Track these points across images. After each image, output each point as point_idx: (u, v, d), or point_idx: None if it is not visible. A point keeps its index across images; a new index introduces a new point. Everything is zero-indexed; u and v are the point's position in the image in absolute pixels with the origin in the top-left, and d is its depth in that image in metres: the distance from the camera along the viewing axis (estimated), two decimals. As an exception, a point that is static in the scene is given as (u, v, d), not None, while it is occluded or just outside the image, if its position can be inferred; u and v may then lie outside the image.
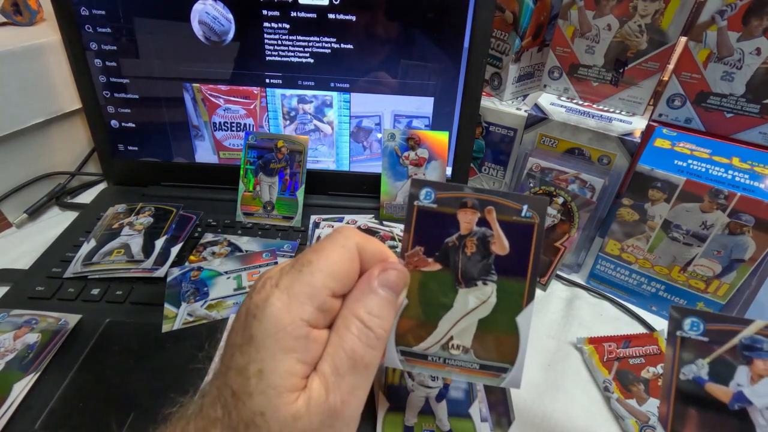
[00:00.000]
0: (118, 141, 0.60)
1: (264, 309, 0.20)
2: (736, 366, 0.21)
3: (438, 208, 0.25)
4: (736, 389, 0.21)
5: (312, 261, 0.22)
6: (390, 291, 0.23)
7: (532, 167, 0.53)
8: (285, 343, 0.20)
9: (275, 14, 0.53)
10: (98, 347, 0.41)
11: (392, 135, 0.56)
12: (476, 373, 0.25)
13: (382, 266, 0.23)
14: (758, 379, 0.20)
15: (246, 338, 0.21)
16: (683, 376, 0.21)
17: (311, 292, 0.21)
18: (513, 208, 0.24)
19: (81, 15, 0.53)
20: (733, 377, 0.21)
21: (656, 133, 0.49)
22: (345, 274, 0.22)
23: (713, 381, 0.21)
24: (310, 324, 0.21)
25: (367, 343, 0.21)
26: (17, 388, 0.36)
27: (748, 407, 0.20)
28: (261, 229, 0.56)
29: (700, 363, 0.21)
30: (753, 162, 0.44)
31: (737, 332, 0.20)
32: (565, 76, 0.57)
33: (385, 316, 0.22)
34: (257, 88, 0.58)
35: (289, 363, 0.20)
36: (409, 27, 0.54)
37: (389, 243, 0.52)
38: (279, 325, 0.20)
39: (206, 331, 0.42)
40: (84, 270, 0.47)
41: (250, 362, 0.20)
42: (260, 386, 0.20)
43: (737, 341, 0.21)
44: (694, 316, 0.21)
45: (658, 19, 0.48)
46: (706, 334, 0.21)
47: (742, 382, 0.20)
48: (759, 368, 0.20)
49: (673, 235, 0.45)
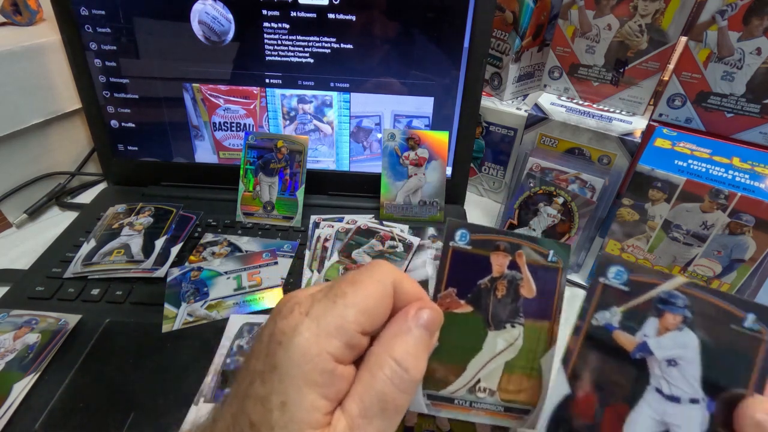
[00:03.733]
0: (118, 141, 0.60)
1: (292, 337, 0.19)
2: (647, 317, 0.21)
3: (472, 249, 0.25)
4: (642, 339, 0.21)
5: (347, 293, 0.21)
6: (425, 331, 0.22)
7: (532, 167, 0.53)
8: (311, 377, 0.19)
9: (275, 14, 0.53)
10: (98, 347, 0.41)
11: (392, 135, 0.56)
12: (501, 416, 0.25)
13: (418, 305, 0.22)
14: (664, 331, 0.21)
15: (269, 366, 0.20)
16: (595, 321, 0.22)
17: (342, 326, 0.20)
18: (541, 253, 0.24)
19: (81, 15, 0.53)
20: (641, 328, 0.21)
21: (656, 133, 0.49)
22: (377, 311, 0.21)
23: (622, 330, 0.21)
24: (336, 359, 0.20)
25: (400, 386, 0.20)
26: (17, 388, 0.36)
27: (648, 357, 0.21)
28: (261, 229, 0.56)
29: (614, 311, 0.22)
30: (753, 162, 0.44)
31: (657, 285, 0.21)
32: (566, 75, 0.57)
33: (421, 356, 0.21)
34: (257, 88, 0.57)
35: (313, 397, 0.19)
36: (409, 27, 0.54)
37: (389, 243, 0.52)
38: (306, 357, 0.19)
39: (206, 332, 0.42)
40: (84, 270, 0.47)
41: (272, 393, 0.19)
42: (282, 420, 0.19)
43: (655, 294, 0.21)
44: (621, 265, 0.22)
45: (659, 18, 0.48)
46: (627, 284, 0.22)
47: (648, 333, 0.21)
48: (668, 321, 0.21)
49: (673, 235, 0.45)
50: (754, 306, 0.20)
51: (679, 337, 0.21)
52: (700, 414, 0.20)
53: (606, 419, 0.21)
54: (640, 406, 0.21)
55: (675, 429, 0.21)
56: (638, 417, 0.21)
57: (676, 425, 0.20)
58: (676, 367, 0.21)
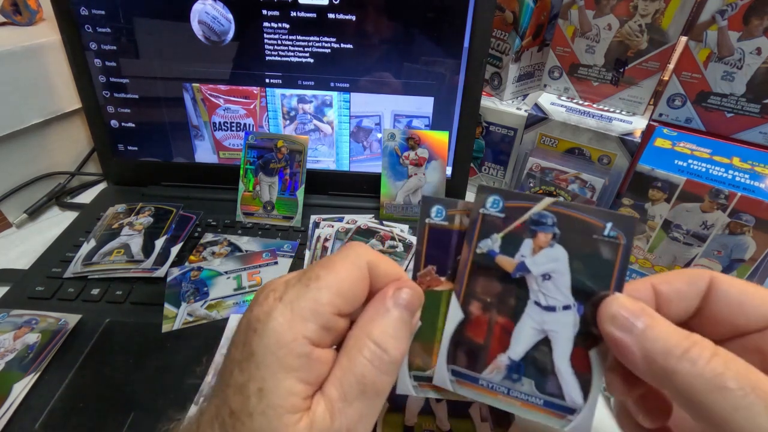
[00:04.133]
0: (117, 141, 0.60)
1: (266, 323, 0.19)
2: (522, 239, 0.23)
3: (449, 225, 0.24)
4: (520, 260, 0.23)
5: (320, 276, 0.21)
6: (405, 311, 0.22)
7: (532, 167, 0.53)
8: (286, 361, 0.19)
9: (275, 14, 0.53)
10: (98, 347, 0.41)
11: (392, 135, 0.56)
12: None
13: (396, 285, 0.22)
14: (538, 250, 0.22)
15: (246, 354, 0.19)
16: (479, 249, 0.23)
17: (316, 309, 0.20)
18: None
19: (81, 15, 0.53)
20: (519, 250, 0.23)
21: (656, 133, 0.49)
22: (352, 292, 0.21)
23: (503, 254, 0.23)
24: (312, 342, 0.20)
25: (380, 367, 0.20)
26: (17, 388, 0.36)
27: (526, 275, 0.23)
28: (261, 229, 0.56)
29: (495, 237, 0.23)
30: (753, 162, 0.44)
31: (529, 208, 0.23)
32: (566, 75, 0.57)
33: (401, 337, 0.21)
34: (257, 88, 0.57)
35: (290, 382, 0.19)
36: (409, 27, 0.54)
37: (389, 243, 0.52)
38: (281, 342, 0.19)
39: (206, 332, 0.42)
40: (84, 270, 0.47)
41: (249, 380, 0.19)
42: (260, 406, 0.19)
43: (527, 217, 0.23)
44: (496, 194, 0.23)
45: (659, 18, 0.48)
46: (503, 211, 0.23)
47: (525, 253, 0.23)
48: (540, 241, 0.22)
49: (673, 235, 0.45)
50: (610, 215, 0.22)
51: (551, 252, 0.22)
52: (573, 318, 0.22)
53: (495, 335, 0.23)
54: (523, 319, 0.23)
55: (552, 335, 0.23)
56: (522, 329, 0.23)
57: (553, 331, 0.23)
58: (550, 280, 0.22)
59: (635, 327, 0.20)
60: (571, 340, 0.22)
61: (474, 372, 0.24)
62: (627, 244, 0.22)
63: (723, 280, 0.22)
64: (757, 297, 0.21)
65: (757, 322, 0.21)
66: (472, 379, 0.24)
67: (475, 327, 0.24)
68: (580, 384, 0.22)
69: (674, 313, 0.23)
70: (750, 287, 0.22)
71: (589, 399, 0.23)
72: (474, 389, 0.24)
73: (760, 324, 0.21)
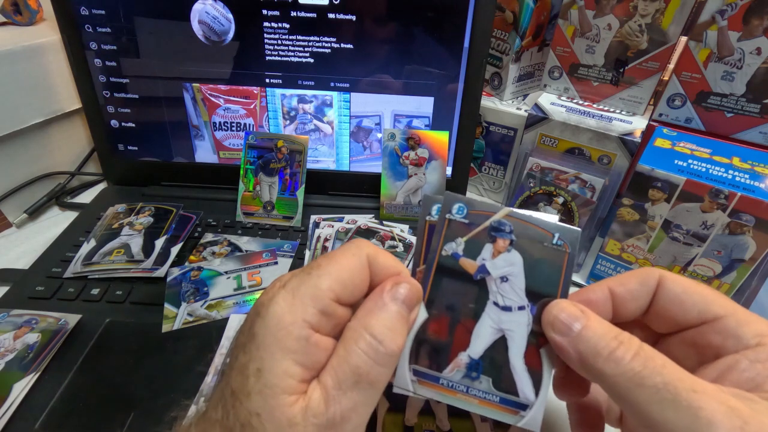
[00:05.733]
0: (118, 141, 0.60)
1: (268, 307, 0.20)
2: (484, 244, 0.25)
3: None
4: (481, 263, 0.25)
5: (321, 265, 0.22)
6: (402, 305, 0.22)
7: (532, 167, 0.53)
8: (285, 343, 0.20)
9: (275, 14, 0.53)
10: (98, 347, 0.41)
11: (392, 135, 0.56)
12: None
13: (394, 280, 0.23)
14: (497, 254, 0.25)
15: (249, 336, 0.20)
16: (444, 252, 0.25)
17: (316, 294, 0.21)
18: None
19: (81, 15, 0.53)
20: (480, 253, 0.25)
21: (656, 133, 0.49)
22: (352, 281, 0.22)
23: (466, 256, 0.25)
24: (311, 326, 0.20)
25: (375, 359, 0.21)
26: (17, 388, 0.36)
27: (486, 277, 0.25)
28: (261, 229, 0.56)
29: (459, 241, 0.25)
30: (753, 162, 0.44)
31: (490, 216, 0.25)
32: (566, 75, 0.57)
33: (397, 330, 0.22)
34: (257, 88, 0.57)
35: (287, 363, 0.20)
36: (409, 27, 0.54)
37: (389, 243, 0.52)
38: (281, 324, 0.20)
39: (206, 332, 0.42)
40: (84, 270, 0.47)
41: (250, 360, 0.20)
42: (257, 385, 0.19)
43: (488, 224, 0.25)
44: (461, 202, 0.25)
45: (659, 18, 0.48)
46: (467, 217, 0.25)
47: (485, 257, 0.25)
48: (499, 246, 0.25)
49: (673, 235, 0.45)
50: (558, 227, 0.25)
51: (508, 257, 0.25)
52: (526, 318, 0.24)
53: (457, 334, 0.25)
54: (482, 319, 0.25)
55: (508, 333, 0.25)
56: (481, 328, 0.25)
57: (509, 330, 0.24)
58: (508, 282, 0.25)
59: (571, 330, 0.22)
60: (524, 338, 0.24)
61: (435, 371, 0.25)
62: (572, 253, 0.24)
63: (669, 278, 0.24)
64: (696, 295, 0.23)
65: (693, 319, 0.23)
66: (433, 378, 0.25)
67: (438, 326, 0.25)
68: (532, 380, 0.24)
69: (630, 312, 0.25)
70: (692, 286, 0.23)
71: (540, 394, 0.24)
72: (434, 389, 0.25)
73: (696, 320, 0.23)
